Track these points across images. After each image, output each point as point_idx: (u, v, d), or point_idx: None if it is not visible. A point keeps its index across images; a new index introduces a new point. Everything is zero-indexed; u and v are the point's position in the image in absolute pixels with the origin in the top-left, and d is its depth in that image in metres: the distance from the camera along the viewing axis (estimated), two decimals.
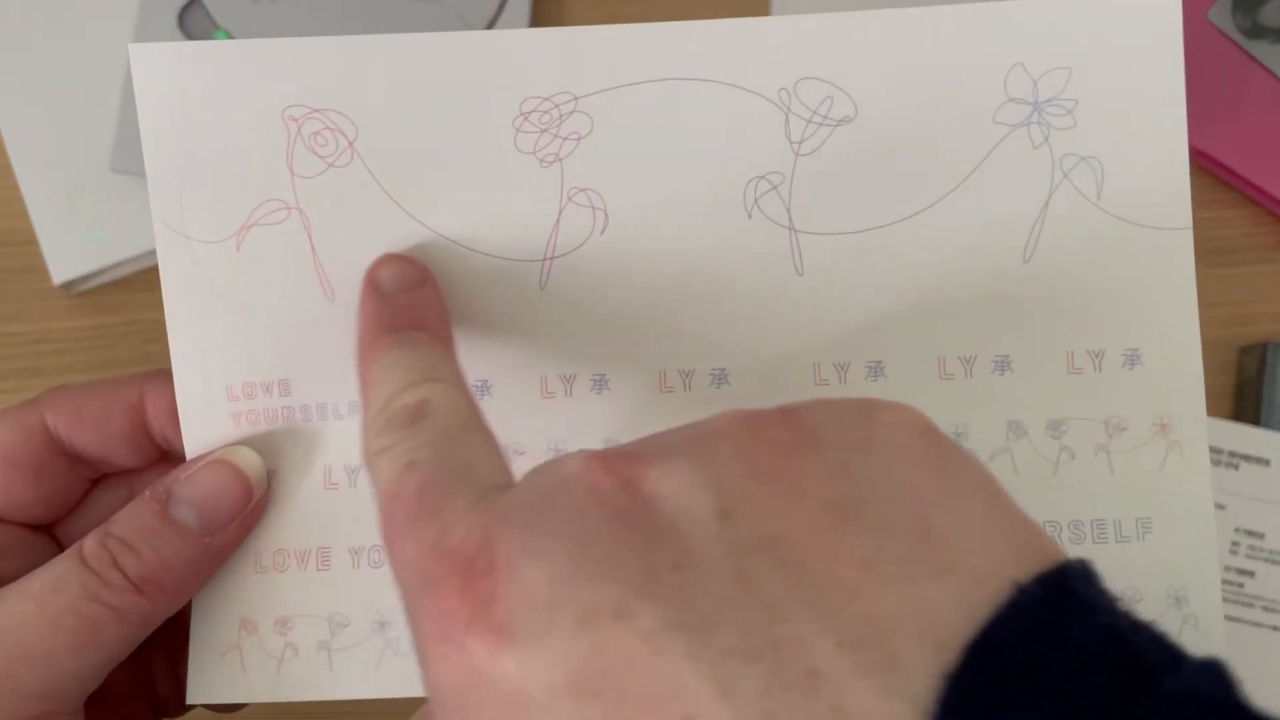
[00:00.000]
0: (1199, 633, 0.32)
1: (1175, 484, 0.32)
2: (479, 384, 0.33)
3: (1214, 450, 0.50)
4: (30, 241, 0.53)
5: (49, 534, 0.33)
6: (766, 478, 0.22)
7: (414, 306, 0.30)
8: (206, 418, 0.33)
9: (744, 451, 0.22)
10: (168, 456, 0.34)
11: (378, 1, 0.54)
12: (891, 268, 0.33)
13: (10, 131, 0.54)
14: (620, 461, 0.22)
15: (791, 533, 0.21)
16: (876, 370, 0.33)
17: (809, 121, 0.32)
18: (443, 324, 0.30)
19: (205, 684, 0.32)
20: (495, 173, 0.33)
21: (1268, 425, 0.51)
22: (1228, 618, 0.51)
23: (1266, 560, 0.50)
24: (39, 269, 0.53)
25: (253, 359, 0.33)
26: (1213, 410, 0.54)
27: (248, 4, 0.53)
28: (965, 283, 0.33)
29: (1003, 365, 0.33)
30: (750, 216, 0.33)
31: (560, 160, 0.33)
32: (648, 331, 0.33)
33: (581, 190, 0.33)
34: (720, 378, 0.33)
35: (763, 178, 0.33)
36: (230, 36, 0.53)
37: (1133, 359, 0.33)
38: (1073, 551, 0.31)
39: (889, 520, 0.21)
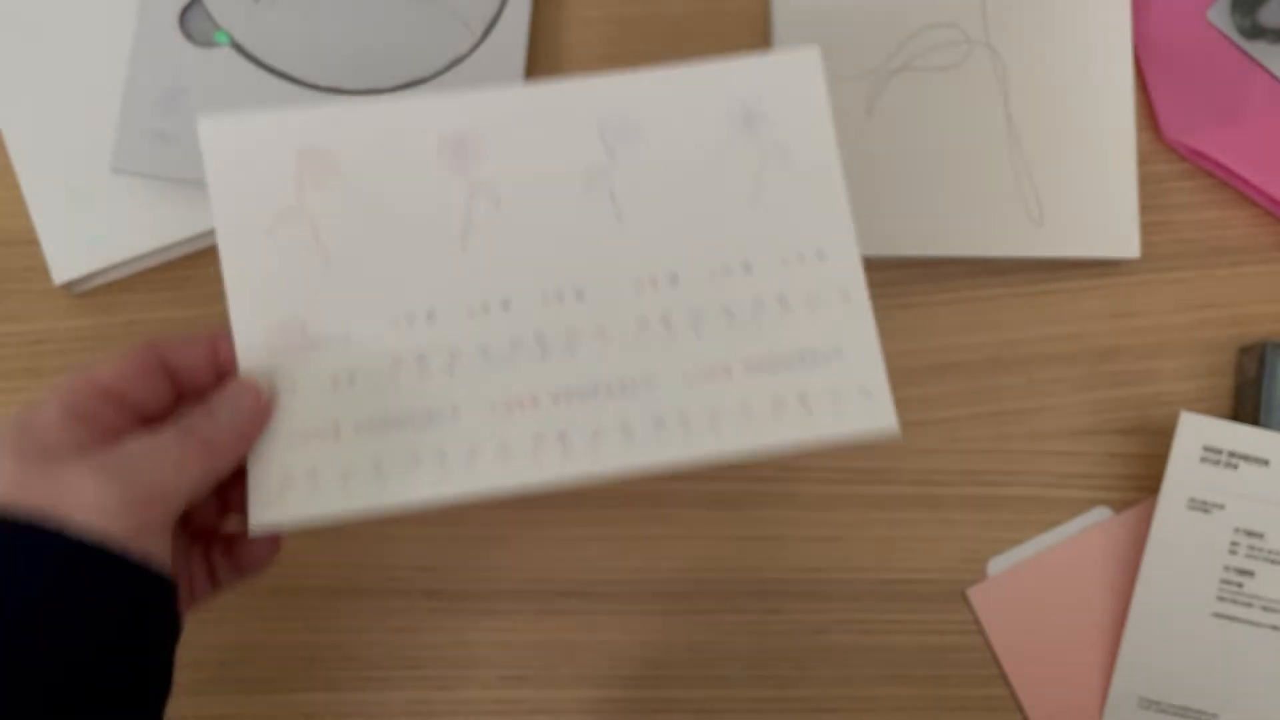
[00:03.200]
0: (870, 401, 0.43)
1: (838, 318, 0.44)
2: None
3: (1213, 450, 0.50)
4: (31, 242, 0.53)
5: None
6: None
7: None
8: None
9: None
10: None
11: (376, 4, 0.54)
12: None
13: (12, 132, 0.54)
14: None
15: None
16: None
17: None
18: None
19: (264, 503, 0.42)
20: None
21: (1267, 425, 0.51)
22: (1226, 617, 0.51)
23: (1266, 560, 0.50)
24: (40, 269, 0.53)
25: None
26: (1212, 410, 0.54)
27: (248, 5, 0.54)
28: None
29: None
30: None
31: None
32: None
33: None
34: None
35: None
36: (230, 37, 0.53)
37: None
38: (753, 384, 0.43)
39: None
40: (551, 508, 0.54)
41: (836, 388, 0.43)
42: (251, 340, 0.43)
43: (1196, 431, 0.50)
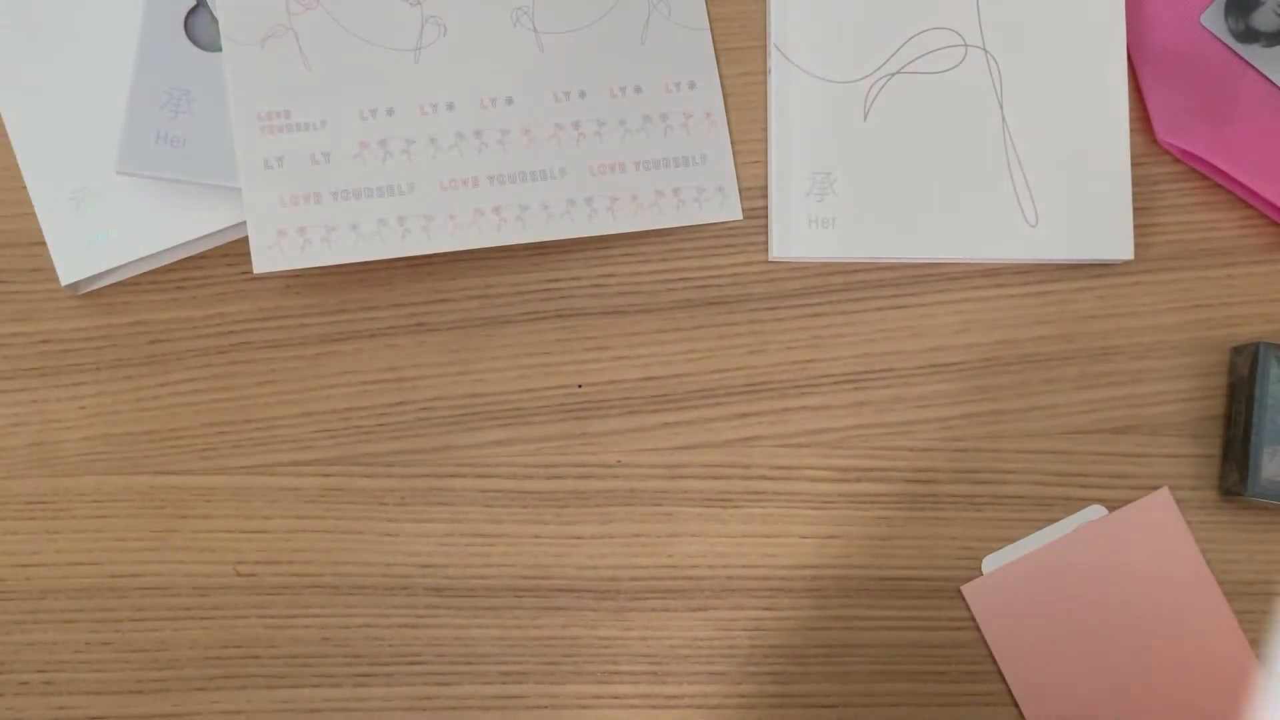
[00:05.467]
0: (724, 197, 0.56)
1: (704, 133, 0.57)
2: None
3: None
4: (37, 243, 0.54)
5: None
6: None
7: None
8: None
9: None
10: None
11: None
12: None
13: (18, 134, 0.54)
14: None
15: None
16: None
17: None
18: None
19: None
20: None
21: (1259, 425, 0.52)
22: None
23: None
24: (46, 270, 0.54)
25: None
26: (1205, 410, 0.55)
27: None
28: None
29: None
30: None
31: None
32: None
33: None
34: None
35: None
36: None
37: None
38: (640, 178, 0.55)
39: None
40: (552, 506, 0.54)
41: (700, 185, 0.56)
42: (247, 122, 0.53)
43: None
